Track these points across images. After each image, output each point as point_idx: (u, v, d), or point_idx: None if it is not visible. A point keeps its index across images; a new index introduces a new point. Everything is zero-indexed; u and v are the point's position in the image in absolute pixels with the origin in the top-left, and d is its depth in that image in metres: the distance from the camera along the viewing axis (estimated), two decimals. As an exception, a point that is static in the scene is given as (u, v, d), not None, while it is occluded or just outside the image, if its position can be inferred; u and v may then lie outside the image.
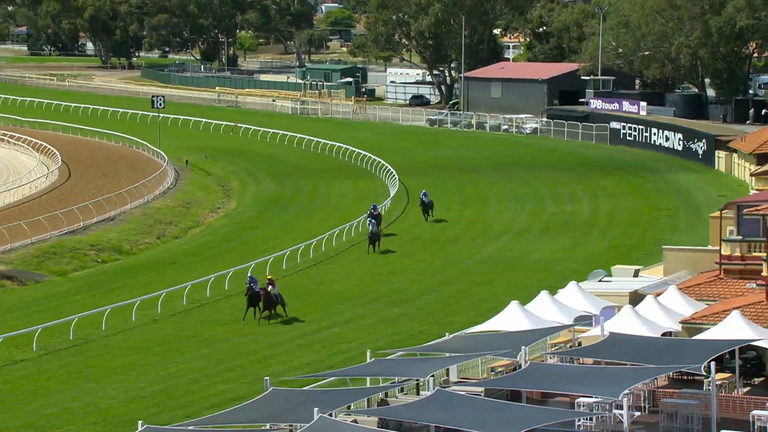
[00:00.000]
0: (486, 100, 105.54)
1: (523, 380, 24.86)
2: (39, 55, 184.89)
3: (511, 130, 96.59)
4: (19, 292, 48.45)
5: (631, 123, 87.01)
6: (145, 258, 55.17)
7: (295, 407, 22.99)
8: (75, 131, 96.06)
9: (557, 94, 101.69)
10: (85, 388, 34.00)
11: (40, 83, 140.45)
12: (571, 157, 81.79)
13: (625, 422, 23.75)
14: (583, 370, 25.82)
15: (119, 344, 39.01)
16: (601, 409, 24.93)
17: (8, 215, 60.15)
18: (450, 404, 22.71)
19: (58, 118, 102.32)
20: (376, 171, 76.31)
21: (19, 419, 31.07)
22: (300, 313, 42.44)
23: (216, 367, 35.72)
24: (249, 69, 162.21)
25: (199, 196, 70.21)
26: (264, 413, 23.00)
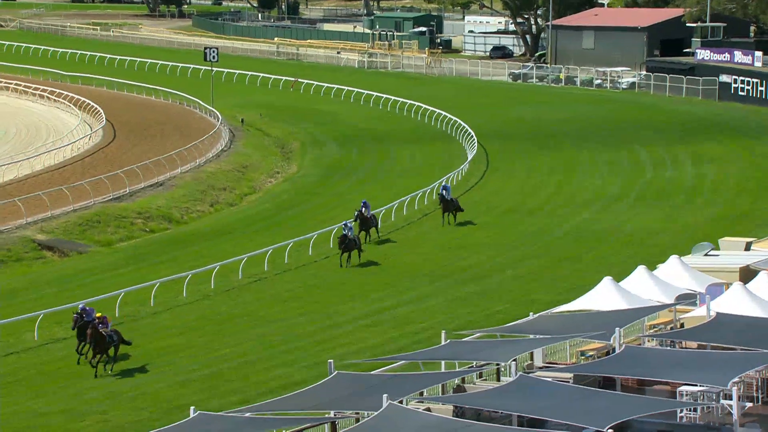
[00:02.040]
0: (577, 51, 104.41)
1: (618, 366, 24.63)
2: (82, 2, 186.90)
3: (605, 85, 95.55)
4: (61, 264, 49.16)
5: (743, 76, 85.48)
6: (196, 227, 55.62)
7: (362, 393, 23.02)
8: (120, 87, 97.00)
9: (658, 43, 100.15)
10: (130, 369, 34.40)
11: (83, 33, 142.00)
12: (674, 116, 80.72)
13: (734, 414, 23.39)
14: (686, 355, 25.51)
15: (168, 323, 39.41)
16: (706, 399, 24.60)
17: (48, 180, 61.01)
18: (534, 392, 22.57)
19: (102, 72, 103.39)
20: (452, 132, 76.03)
21: (59, 403, 31.56)
22: (364, 291, 42.49)
23: (272, 350, 35.93)
24: (311, 18, 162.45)
25: (256, 160, 70.57)
26: (327, 399, 23.07)
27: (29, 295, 43.47)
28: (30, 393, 32.56)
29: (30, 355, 36.13)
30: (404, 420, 20.86)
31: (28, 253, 49.23)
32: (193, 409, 22.69)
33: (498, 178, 63.09)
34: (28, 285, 45.27)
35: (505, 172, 64.84)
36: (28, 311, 39.11)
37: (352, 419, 23.82)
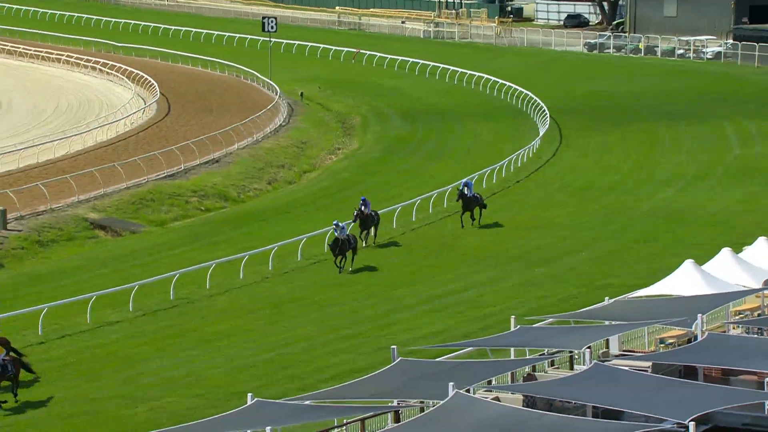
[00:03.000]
0: (658, 19, 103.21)
1: (700, 354, 24.38)
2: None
3: (688, 55, 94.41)
4: (113, 243, 49.64)
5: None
6: (254, 206, 55.87)
7: (427, 381, 22.99)
8: (175, 59, 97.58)
9: (747, 10, 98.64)
10: (185, 354, 34.69)
11: (137, 3, 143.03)
12: (763, 88, 79.58)
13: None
14: (772, 344, 25.17)
15: (224, 306, 39.65)
16: (795, 391, 24.28)
17: (101, 155, 61.57)
18: (610, 381, 22.41)
19: (156, 44, 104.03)
20: (523, 106, 75.63)
21: (113, 389, 31.89)
22: (428, 274, 42.44)
23: (332, 335, 36.02)
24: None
25: (316, 135, 70.70)
26: (390, 387, 23.06)
27: (81, 275, 43.95)
28: (82, 377, 32.94)
29: (82, 339, 36.54)
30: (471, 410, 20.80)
31: (80, 233, 49.76)
32: (250, 396, 22.81)
33: (571, 155, 62.67)
34: (81, 265, 45.76)
35: (578, 148, 64.40)
36: (80, 293, 39.53)
37: (417, 408, 23.80)
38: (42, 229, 49.00)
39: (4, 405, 30.71)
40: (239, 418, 22.14)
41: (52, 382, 32.66)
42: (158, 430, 24.08)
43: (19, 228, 48.73)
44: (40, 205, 51.21)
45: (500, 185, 56.03)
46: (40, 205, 51.25)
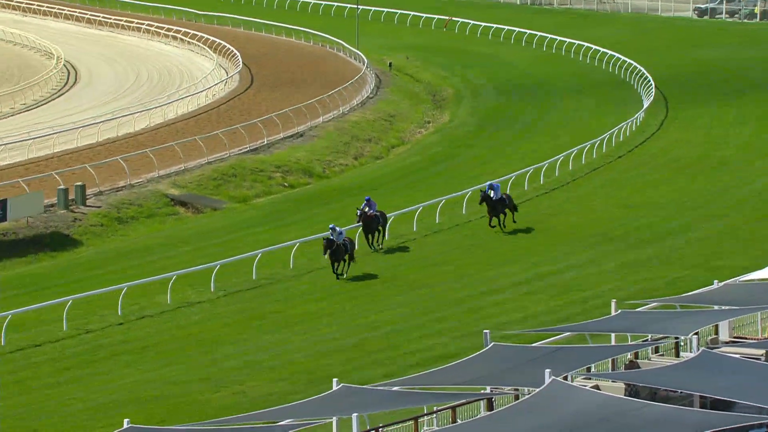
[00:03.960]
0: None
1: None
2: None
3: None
4: (195, 221, 50.09)
5: None
6: (339, 182, 55.99)
7: (522, 367, 22.88)
8: (258, 27, 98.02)
9: None
10: (268, 337, 34.92)
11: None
12: None
13: None
14: None
15: (308, 287, 39.81)
16: None
17: (182, 129, 62.11)
18: (719, 369, 22.11)
19: (238, 12, 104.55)
20: (626, 76, 74.84)
21: (194, 372, 32.20)
22: (524, 254, 42.23)
23: (421, 318, 36.01)
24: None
25: (405, 108, 70.62)
26: (483, 373, 22.99)
27: (162, 253, 44.42)
28: (163, 359, 33.31)
29: (163, 319, 36.92)
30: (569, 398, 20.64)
31: (160, 209, 50.28)
32: (335, 381, 22.86)
33: (678, 129, 61.89)
34: (161, 243, 46.25)
35: (686, 121, 63.58)
36: (160, 271, 39.95)
37: (511, 396, 23.70)
38: (121, 206, 49.59)
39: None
40: (324, 404, 22.21)
41: (131, 364, 33.06)
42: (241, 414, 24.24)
43: (98, 204, 49.36)
44: (120, 181, 51.82)
45: (601, 161, 55.52)
46: (120, 180, 51.85)
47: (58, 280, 41.50)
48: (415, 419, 24.01)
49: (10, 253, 44.46)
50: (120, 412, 28.78)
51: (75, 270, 42.97)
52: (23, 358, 33.67)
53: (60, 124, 62.43)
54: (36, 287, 40.38)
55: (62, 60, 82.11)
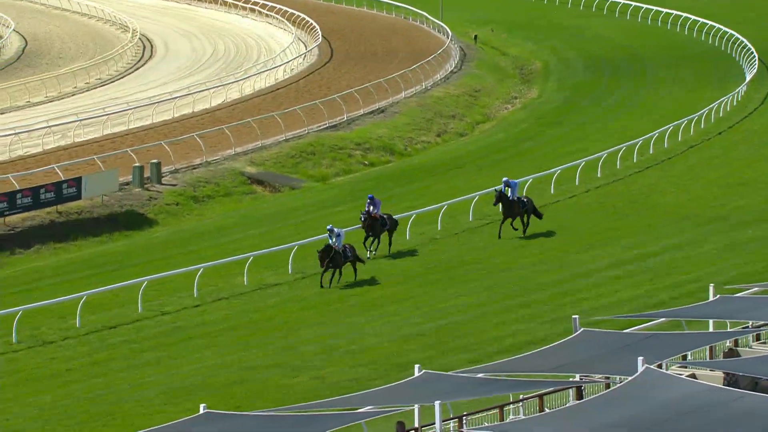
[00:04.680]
0: None
1: None
2: None
3: None
4: (272, 200, 50.33)
5: None
6: (421, 160, 55.95)
7: (613, 355, 22.72)
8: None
9: None
10: (348, 321, 35.02)
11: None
12: None
13: None
14: None
15: (388, 269, 39.84)
16: None
17: (259, 105, 62.42)
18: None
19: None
20: (726, 47, 73.92)
21: (272, 356, 32.39)
22: (615, 236, 41.92)
23: (507, 302, 35.91)
24: None
25: (491, 83, 70.37)
26: (572, 361, 22.85)
27: (238, 233, 44.71)
28: (239, 343, 33.55)
29: (240, 302, 37.16)
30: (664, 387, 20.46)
31: (236, 188, 50.59)
32: (417, 368, 22.86)
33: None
34: (237, 223, 46.56)
35: (788, 96, 62.75)
36: (237, 253, 40.20)
37: (601, 384, 23.55)
38: (197, 184, 49.97)
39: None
40: (405, 390, 22.21)
41: (207, 347, 33.34)
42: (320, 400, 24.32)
43: (174, 182, 49.78)
44: (196, 158, 52.21)
45: (698, 138, 54.91)
46: (196, 157, 52.25)
47: (133, 260, 41.94)
48: (501, 407, 23.97)
49: (85, 232, 45.01)
50: (196, 396, 29.04)
51: (150, 250, 43.40)
52: (98, 340, 34.10)
53: (135, 99, 63.03)
54: (110, 267, 40.85)
55: (138, 33, 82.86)
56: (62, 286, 37.78)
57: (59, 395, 30.29)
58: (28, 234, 44.02)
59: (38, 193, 44.90)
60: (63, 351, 33.11)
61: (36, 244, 43.69)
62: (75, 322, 34.90)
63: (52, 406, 29.60)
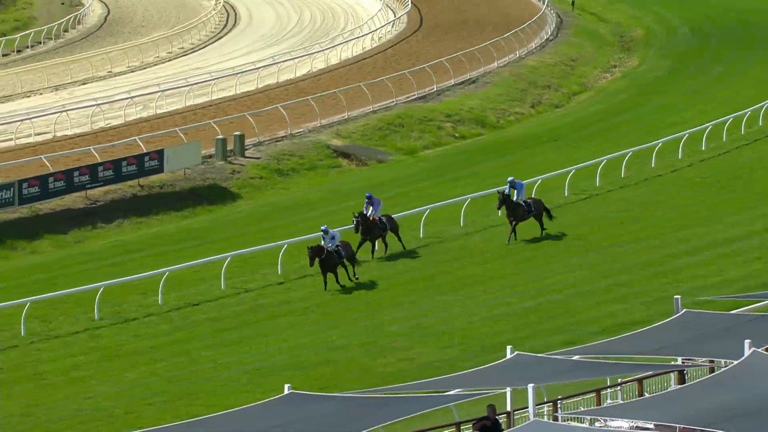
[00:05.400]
0: None
1: None
2: None
3: None
4: (359, 173, 50.39)
5: None
6: (515, 132, 55.72)
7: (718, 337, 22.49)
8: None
9: None
10: (437, 300, 35.01)
11: None
12: None
13: None
14: None
15: (479, 246, 39.75)
16: None
17: (345, 75, 62.49)
18: None
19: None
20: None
21: (358, 336, 32.51)
22: (721, 212, 41.47)
23: (602, 281, 35.70)
24: None
25: (589, 51, 69.83)
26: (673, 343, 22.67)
27: (324, 208, 44.83)
28: (325, 322, 33.68)
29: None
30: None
31: (322, 161, 50.73)
32: (509, 349, 22.80)
33: None
34: (323, 197, 46.69)
35: None
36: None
37: (705, 368, 23.33)
38: (281, 157, 50.18)
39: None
40: (497, 373, 22.17)
41: (292, 326, 33.51)
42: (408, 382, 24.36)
43: (258, 155, 50.05)
44: (280, 130, 52.43)
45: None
46: (280, 130, 52.46)
47: (216, 235, 42.24)
48: (598, 391, 23.85)
49: (167, 207, 45.41)
50: (280, 376, 29.22)
51: (233, 225, 43.69)
52: (180, 318, 34.42)
53: (218, 69, 63.42)
54: (193, 243, 41.19)
55: (221, 1, 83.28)
56: (144, 261, 38.14)
57: (141, 373, 30.65)
58: (110, 208, 44.51)
59: (120, 166, 45.37)
60: (145, 328, 33.46)
61: (118, 219, 44.18)
62: (157, 298, 35.26)
63: (134, 385, 29.96)
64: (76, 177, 44.13)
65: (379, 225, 37.99)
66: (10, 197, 42.43)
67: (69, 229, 42.92)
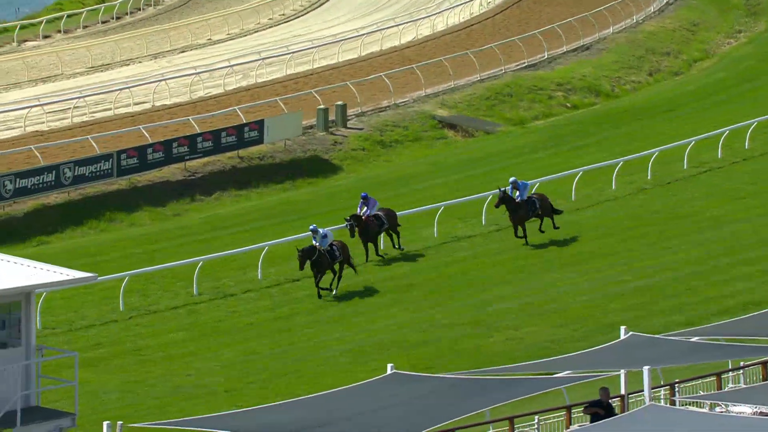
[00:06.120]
0: None
1: None
2: None
3: None
4: (465, 145, 50.28)
5: None
6: (630, 102, 55.23)
7: None
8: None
9: None
10: (547, 278, 34.94)
11: None
12: None
13: None
14: None
15: (591, 221, 39.52)
16: None
17: (451, 42, 62.30)
18: None
19: None
20: None
21: (463, 314, 32.55)
22: None
23: (727, 258, 35.37)
24: None
25: (712, 15, 68.89)
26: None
27: (428, 181, 44.81)
28: (430, 300, 33.74)
29: (429, 255, 37.19)
30: None
31: (427, 132, 50.69)
32: (623, 329, 22.69)
33: None
34: (427, 170, 46.66)
35: None
36: (426, 202, 40.29)
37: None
38: (384, 128, 50.22)
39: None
40: (609, 355, 22.07)
41: (395, 304, 33.58)
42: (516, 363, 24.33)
43: (360, 126, 50.14)
44: (383, 100, 52.45)
45: None
46: (383, 99, 52.49)
47: (317, 209, 42.41)
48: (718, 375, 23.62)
49: (267, 179, 45.68)
50: (382, 356, 29.32)
51: (334, 198, 43.82)
52: (281, 294, 34.64)
53: (320, 36, 63.56)
54: (293, 216, 41.38)
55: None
56: (243, 235, 38.43)
57: (241, 350, 30.94)
58: (209, 180, 44.90)
59: (219, 136, 45.71)
60: (244, 304, 33.74)
61: (217, 191, 44.54)
62: (256, 274, 35.51)
63: (234, 362, 30.26)
64: (174, 148, 44.55)
65: (376, 222, 36.44)
66: (109, 168, 42.99)
67: (167, 202, 43.38)
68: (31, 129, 48.50)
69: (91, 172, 42.66)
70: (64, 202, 42.07)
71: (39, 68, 60.16)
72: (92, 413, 26.53)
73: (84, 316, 33.38)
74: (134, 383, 29.23)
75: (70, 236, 40.71)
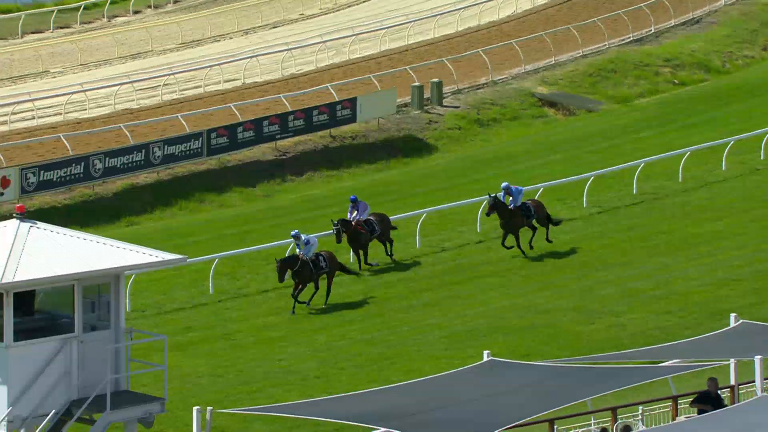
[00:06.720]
0: None
1: None
2: None
3: None
4: (566, 124, 50.07)
5: None
6: (743, 78, 54.65)
7: None
8: None
9: None
10: (653, 262, 34.75)
11: None
12: None
13: None
14: None
15: (702, 203, 39.25)
16: None
17: (552, 16, 61.97)
18: None
19: None
20: None
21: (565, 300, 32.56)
22: None
23: None
24: None
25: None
26: None
27: (527, 162, 44.69)
28: (529, 284, 33.72)
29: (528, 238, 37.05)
30: None
31: (526, 110, 50.54)
32: (734, 317, 22.48)
33: None
34: (526, 150, 46.52)
35: None
36: (526, 183, 40.01)
37: None
38: (482, 106, 50.13)
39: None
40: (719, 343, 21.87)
41: (493, 288, 33.54)
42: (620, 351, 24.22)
43: (456, 104, 50.08)
44: (481, 77, 52.35)
45: None
46: (481, 76, 52.38)
47: (411, 190, 42.45)
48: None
49: (360, 159, 45.79)
50: (479, 342, 29.30)
51: (429, 179, 43.83)
52: (375, 278, 34.71)
53: (416, 11, 63.48)
54: (387, 198, 41.43)
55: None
56: (334, 217, 38.50)
57: (334, 335, 31.07)
58: (300, 160, 45.10)
59: (311, 115, 45.87)
60: (337, 288, 33.83)
61: (308, 171, 44.72)
62: (348, 257, 35.59)
63: (326, 347, 30.40)
64: (265, 127, 44.79)
65: (368, 228, 35.11)
66: (199, 147, 43.33)
67: (258, 182, 43.64)
68: (121, 107, 49.01)
69: (181, 151, 43.03)
70: (153, 182, 42.51)
71: (129, 44, 60.69)
72: (181, 398, 26.79)
73: (173, 299, 33.70)
74: (225, 368, 29.47)
75: (159, 217, 41.14)
